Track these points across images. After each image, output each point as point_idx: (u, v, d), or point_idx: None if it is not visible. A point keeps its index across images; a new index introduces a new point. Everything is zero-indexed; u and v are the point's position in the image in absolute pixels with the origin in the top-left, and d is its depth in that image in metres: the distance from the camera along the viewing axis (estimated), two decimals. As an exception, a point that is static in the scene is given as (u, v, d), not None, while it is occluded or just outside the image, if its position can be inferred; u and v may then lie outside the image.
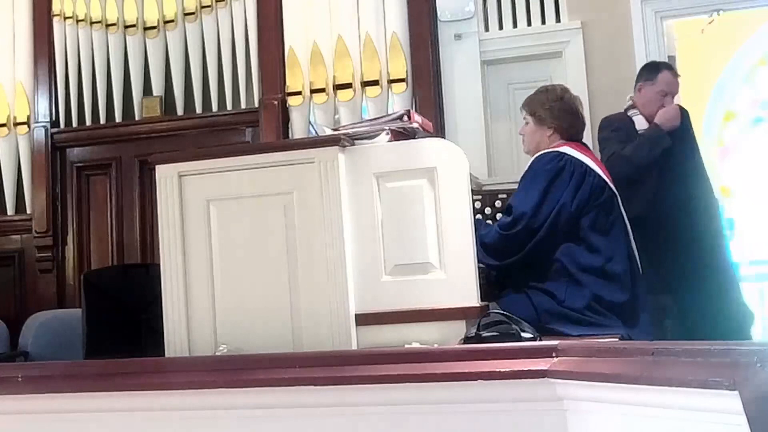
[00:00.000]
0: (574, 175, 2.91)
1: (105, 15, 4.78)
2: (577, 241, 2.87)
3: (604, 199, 2.93)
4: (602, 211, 2.91)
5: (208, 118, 4.63)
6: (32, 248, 4.77)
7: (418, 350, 2.15)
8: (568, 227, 2.87)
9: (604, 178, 2.97)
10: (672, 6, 4.26)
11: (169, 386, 1.88)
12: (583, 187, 2.90)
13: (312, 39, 4.42)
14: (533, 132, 3.12)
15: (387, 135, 2.62)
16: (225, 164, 2.56)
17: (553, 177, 2.90)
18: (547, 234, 2.85)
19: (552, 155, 2.97)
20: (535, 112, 3.11)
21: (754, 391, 1.21)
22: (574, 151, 2.98)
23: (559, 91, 3.15)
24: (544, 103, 3.10)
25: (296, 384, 1.77)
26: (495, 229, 2.91)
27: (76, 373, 2.00)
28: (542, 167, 2.95)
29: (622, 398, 1.48)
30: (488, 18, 4.47)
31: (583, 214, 2.88)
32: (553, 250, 2.87)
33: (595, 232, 2.88)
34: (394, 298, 2.46)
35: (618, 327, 2.77)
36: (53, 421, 1.96)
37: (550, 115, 3.07)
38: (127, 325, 3.42)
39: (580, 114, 3.15)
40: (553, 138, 3.07)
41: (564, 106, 3.09)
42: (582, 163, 2.94)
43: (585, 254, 2.85)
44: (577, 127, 3.12)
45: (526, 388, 1.63)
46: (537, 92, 3.19)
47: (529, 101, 3.16)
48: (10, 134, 4.83)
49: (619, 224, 2.96)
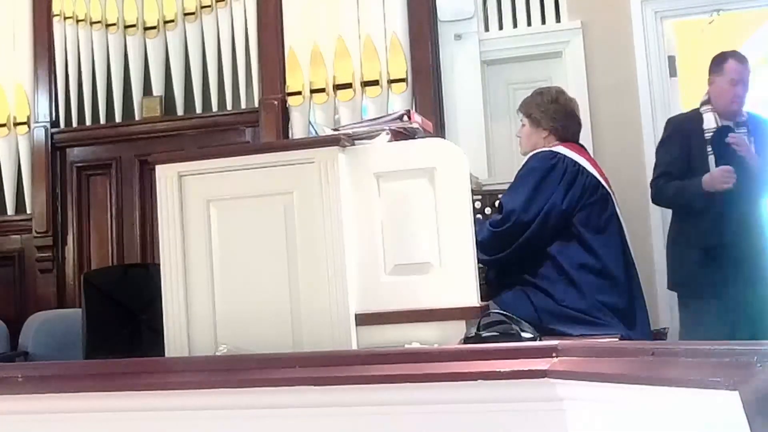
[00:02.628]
0: (566, 173, 2.92)
1: (105, 15, 4.78)
2: (570, 238, 2.88)
3: (597, 197, 2.94)
4: (596, 209, 2.93)
5: (208, 118, 4.64)
6: (32, 248, 4.77)
7: (418, 350, 2.15)
8: (559, 224, 2.88)
9: (597, 177, 2.98)
10: (672, 6, 4.26)
11: (169, 386, 1.88)
12: (575, 186, 2.91)
13: (312, 39, 4.43)
14: (529, 134, 3.15)
15: (387, 135, 2.62)
16: (225, 164, 2.56)
17: (543, 174, 2.92)
18: (538, 230, 2.87)
19: (544, 154, 3.00)
20: (530, 114, 3.14)
21: (754, 391, 1.20)
22: (569, 151, 3.00)
23: (554, 93, 3.17)
24: (540, 105, 3.13)
25: (296, 384, 1.77)
26: (486, 227, 2.93)
27: (76, 373, 2.00)
28: (534, 165, 2.98)
29: (622, 398, 1.48)
30: (488, 18, 4.47)
31: (575, 211, 2.89)
32: (545, 248, 2.88)
33: (589, 230, 2.89)
34: (394, 298, 2.46)
35: (618, 327, 2.78)
36: (53, 421, 1.96)
37: (545, 116, 3.10)
38: (127, 325, 3.42)
39: (576, 115, 3.17)
40: (548, 140, 3.09)
41: (559, 108, 3.11)
42: (575, 162, 2.96)
43: (580, 252, 2.87)
44: (573, 128, 3.14)
45: (526, 388, 1.63)
46: (533, 94, 3.21)
47: (525, 103, 3.19)
48: (10, 134, 4.83)
49: (614, 223, 2.97)
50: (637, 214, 3.99)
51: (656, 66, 4.20)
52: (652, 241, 4.07)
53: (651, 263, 4.00)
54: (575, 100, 3.24)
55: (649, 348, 1.51)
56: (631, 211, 3.79)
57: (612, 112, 4.19)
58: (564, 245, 2.88)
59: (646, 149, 4.13)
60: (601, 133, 4.14)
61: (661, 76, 4.21)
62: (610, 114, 4.19)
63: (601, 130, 4.15)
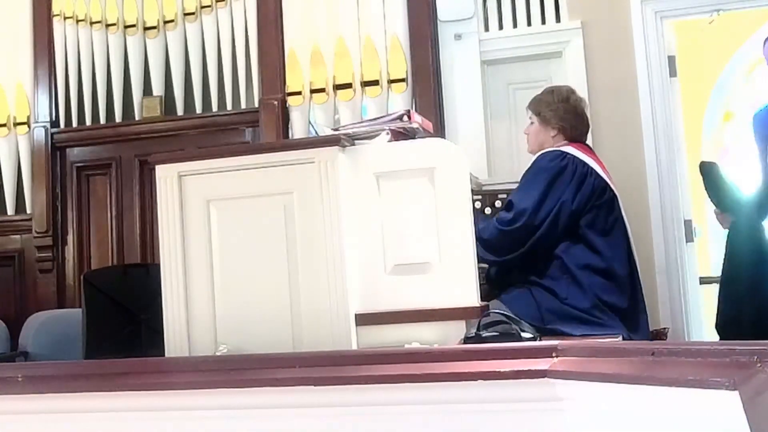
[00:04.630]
0: (576, 174, 2.92)
1: (105, 15, 4.78)
2: (576, 239, 2.88)
3: (605, 200, 2.94)
4: (602, 212, 2.92)
5: (208, 118, 4.63)
6: (32, 248, 4.77)
7: (418, 350, 2.15)
8: (568, 225, 2.87)
9: (605, 179, 2.98)
10: (672, 6, 4.26)
11: (169, 386, 1.88)
12: (584, 187, 2.91)
13: (312, 39, 4.43)
14: (537, 132, 3.14)
15: (387, 135, 2.62)
16: (225, 164, 2.56)
17: (555, 175, 2.91)
18: (547, 231, 2.86)
19: (555, 154, 2.99)
20: (540, 112, 3.13)
21: (754, 391, 1.21)
22: (577, 151, 3.00)
23: (565, 92, 3.17)
24: (550, 103, 3.12)
25: (296, 384, 1.77)
26: (494, 225, 2.91)
27: (76, 373, 2.00)
28: (545, 165, 2.96)
29: (622, 398, 1.48)
30: (488, 18, 4.47)
31: (583, 213, 2.89)
32: (553, 248, 2.88)
33: (595, 231, 2.89)
34: (394, 298, 2.46)
35: (620, 328, 2.78)
36: (53, 421, 1.95)
37: (555, 115, 3.09)
38: (127, 325, 3.42)
39: (585, 116, 3.16)
40: (557, 139, 3.08)
41: (569, 107, 3.10)
42: (584, 164, 2.95)
43: (585, 253, 2.86)
44: (581, 128, 3.14)
45: (526, 388, 1.63)
46: (543, 92, 3.21)
47: (535, 101, 3.18)
48: (10, 134, 4.83)
49: (619, 226, 2.97)
50: (638, 214, 3.98)
51: (656, 66, 4.20)
52: (653, 241, 4.07)
53: (651, 263, 4.00)
54: (585, 101, 3.24)
55: (649, 348, 1.51)
56: (631, 211, 3.79)
57: (612, 112, 4.19)
58: (570, 245, 2.87)
59: (646, 149, 4.13)
60: (601, 133, 4.14)
61: (661, 76, 4.20)
62: (610, 114, 4.19)
63: (601, 130, 4.15)
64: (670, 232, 4.08)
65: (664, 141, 4.14)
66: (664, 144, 4.13)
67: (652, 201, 4.09)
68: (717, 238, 5.90)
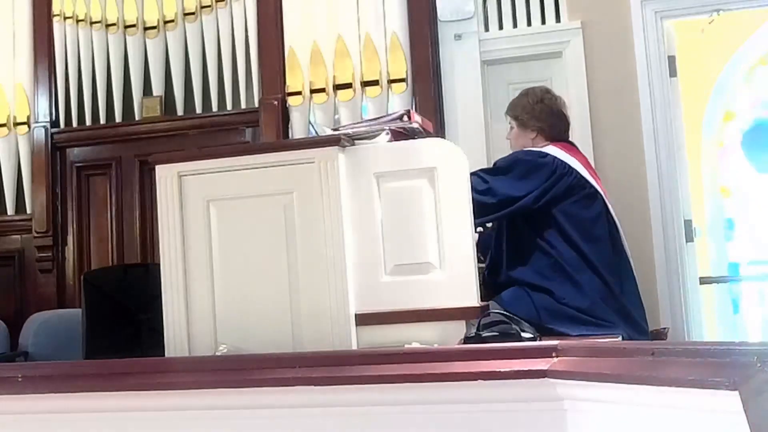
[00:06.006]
0: (555, 172, 2.92)
1: (105, 15, 4.78)
2: (555, 234, 2.87)
3: (583, 195, 2.93)
4: (582, 208, 2.91)
5: (208, 118, 4.63)
6: (32, 248, 4.77)
7: (418, 350, 2.15)
8: (540, 217, 2.87)
9: (585, 177, 2.97)
10: (672, 6, 4.26)
11: (169, 386, 1.88)
12: (559, 184, 2.90)
13: (312, 39, 4.42)
14: (518, 136, 3.16)
15: (387, 135, 2.62)
16: (225, 164, 2.56)
17: (531, 168, 2.92)
18: (516, 218, 2.86)
19: (535, 152, 3.00)
20: (517, 116, 3.14)
21: (754, 391, 1.21)
22: (560, 151, 3.00)
23: (539, 93, 3.17)
24: (525, 106, 3.12)
25: (296, 384, 1.77)
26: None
27: (76, 373, 2.00)
28: (524, 156, 2.98)
29: (622, 398, 1.48)
30: (488, 18, 4.47)
31: (557, 206, 2.88)
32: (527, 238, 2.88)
33: (573, 226, 2.88)
34: (394, 298, 2.46)
35: (618, 327, 2.78)
36: (53, 421, 1.96)
37: (531, 117, 3.10)
38: (127, 325, 3.42)
39: (563, 114, 3.16)
40: (537, 140, 3.09)
41: (545, 107, 3.11)
42: (565, 164, 2.95)
43: (575, 250, 2.86)
44: (560, 127, 3.13)
45: (526, 388, 1.63)
46: (518, 96, 3.22)
47: (512, 106, 3.20)
48: (10, 134, 4.83)
49: (602, 223, 2.95)
50: (638, 214, 3.99)
51: (656, 66, 4.20)
52: (653, 241, 4.07)
53: (651, 263, 4.00)
54: (561, 98, 3.22)
55: (649, 348, 1.51)
56: (631, 211, 3.80)
57: (612, 112, 4.18)
58: (557, 242, 2.87)
59: (646, 149, 4.12)
60: (601, 133, 4.14)
61: (661, 76, 4.20)
62: (610, 114, 4.18)
63: (601, 130, 4.15)
64: (670, 232, 4.08)
65: (664, 141, 4.13)
66: (664, 144, 4.13)
67: (652, 201, 4.09)
68: (717, 238, 5.91)
